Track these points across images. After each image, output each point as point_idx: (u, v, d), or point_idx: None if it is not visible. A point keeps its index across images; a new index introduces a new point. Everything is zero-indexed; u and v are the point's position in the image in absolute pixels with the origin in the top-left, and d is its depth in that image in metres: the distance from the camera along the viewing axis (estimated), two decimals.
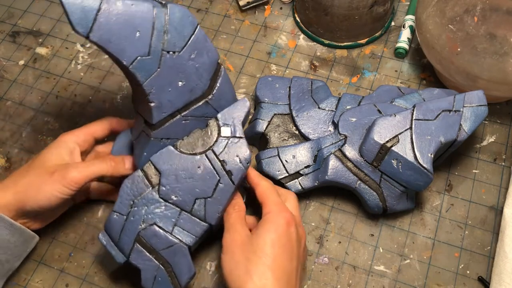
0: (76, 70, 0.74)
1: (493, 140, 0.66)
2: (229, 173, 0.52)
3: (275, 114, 0.64)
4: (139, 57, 0.48)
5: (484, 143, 0.65)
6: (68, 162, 0.54)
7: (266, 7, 0.79)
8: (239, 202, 0.54)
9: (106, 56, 0.75)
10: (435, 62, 0.64)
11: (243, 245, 0.49)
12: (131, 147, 0.58)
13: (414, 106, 0.57)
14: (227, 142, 0.53)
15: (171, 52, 0.50)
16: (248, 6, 0.78)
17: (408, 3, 0.78)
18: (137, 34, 0.48)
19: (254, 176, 0.54)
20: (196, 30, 0.51)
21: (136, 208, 0.52)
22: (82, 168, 0.53)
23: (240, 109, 0.54)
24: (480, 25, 0.59)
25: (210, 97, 0.54)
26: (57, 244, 0.61)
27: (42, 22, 0.79)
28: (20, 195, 0.52)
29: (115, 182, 0.60)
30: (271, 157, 0.60)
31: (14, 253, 0.54)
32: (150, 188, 0.52)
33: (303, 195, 0.62)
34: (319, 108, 0.64)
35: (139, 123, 0.55)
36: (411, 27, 0.73)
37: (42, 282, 0.59)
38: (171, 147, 0.52)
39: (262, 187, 0.53)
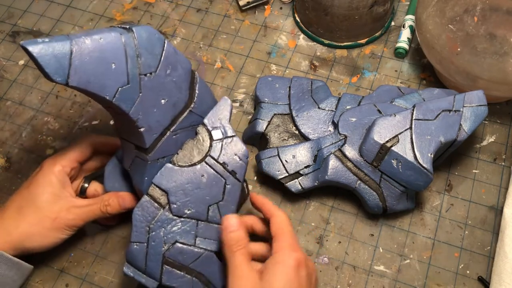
0: None
1: (493, 140, 0.66)
2: (233, 173, 0.52)
3: (275, 114, 0.64)
4: (119, 88, 0.48)
5: (484, 143, 0.65)
6: (64, 200, 0.54)
7: (266, 7, 0.79)
8: (241, 236, 0.50)
9: None
10: (435, 62, 0.64)
11: None
12: (124, 176, 0.58)
13: (414, 106, 0.57)
14: (222, 144, 0.53)
15: (148, 74, 0.50)
16: (248, 6, 0.78)
17: (408, 3, 0.78)
18: (113, 66, 0.47)
19: (270, 207, 0.53)
20: (165, 45, 0.51)
21: (154, 233, 0.52)
22: (82, 214, 0.55)
23: (223, 109, 0.54)
24: (480, 25, 0.59)
25: (192, 106, 0.54)
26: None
27: (42, 22, 0.79)
28: (24, 243, 0.53)
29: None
30: (271, 157, 0.60)
31: (8, 286, 0.54)
32: (162, 209, 0.52)
33: (303, 195, 0.62)
34: (319, 108, 0.64)
35: (128, 149, 0.54)
36: (411, 27, 0.73)
37: (42, 282, 0.59)
38: (169, 165, 0.52)
39: (279, 218, 0.51)
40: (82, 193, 0.59)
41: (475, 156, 0.64)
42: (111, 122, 0.69)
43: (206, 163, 0.52)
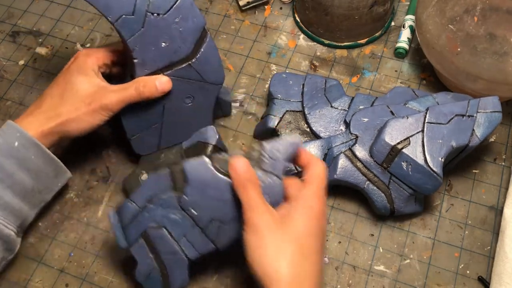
0: None
1: (493, 140, 0.66)
2: None
3: (287, 111, 0.64)
4: (123, 16, 0.53)
5: (484, 143, 0.65)
6: (98, 86, 0.56)
7: (266, 7, 0.79)
8: (252, 175, 0.47)
9: None
10: (435, 62, 0.64)
11: (275, 227, 0.45)
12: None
13: (427, 109, 0.57)
14: (265, 178, 0.48)
15: (155, 14, 0.53)
16: (248, 6, 0.78)
17: (408, 3, 0.78)
18: None
19: (309, 155, 0.50)
20: None
21: (152, 206, 0.51)
22: (117, 96, 0.55)
23: (290, 147, 0.49)
24: (480, 25, 0.59)
25: (193, 60, 0.56)
26: (57, 244, 0.61)
27: (42, 22, 0.79)
28: (63, 126, 0.55)
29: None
30: None
31: (46, 183, 0.56)
32: (173, 192, 0.50)
33: None
34: (331, 107, 0.64)
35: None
36: (411, 27, 0.73)
37: (42, 282, 0.59)
38: (206, 159, 0.49)
39: (320, 168, 0.49)
40: None
41: (475, 156, 0.64)
42: None
43: None
